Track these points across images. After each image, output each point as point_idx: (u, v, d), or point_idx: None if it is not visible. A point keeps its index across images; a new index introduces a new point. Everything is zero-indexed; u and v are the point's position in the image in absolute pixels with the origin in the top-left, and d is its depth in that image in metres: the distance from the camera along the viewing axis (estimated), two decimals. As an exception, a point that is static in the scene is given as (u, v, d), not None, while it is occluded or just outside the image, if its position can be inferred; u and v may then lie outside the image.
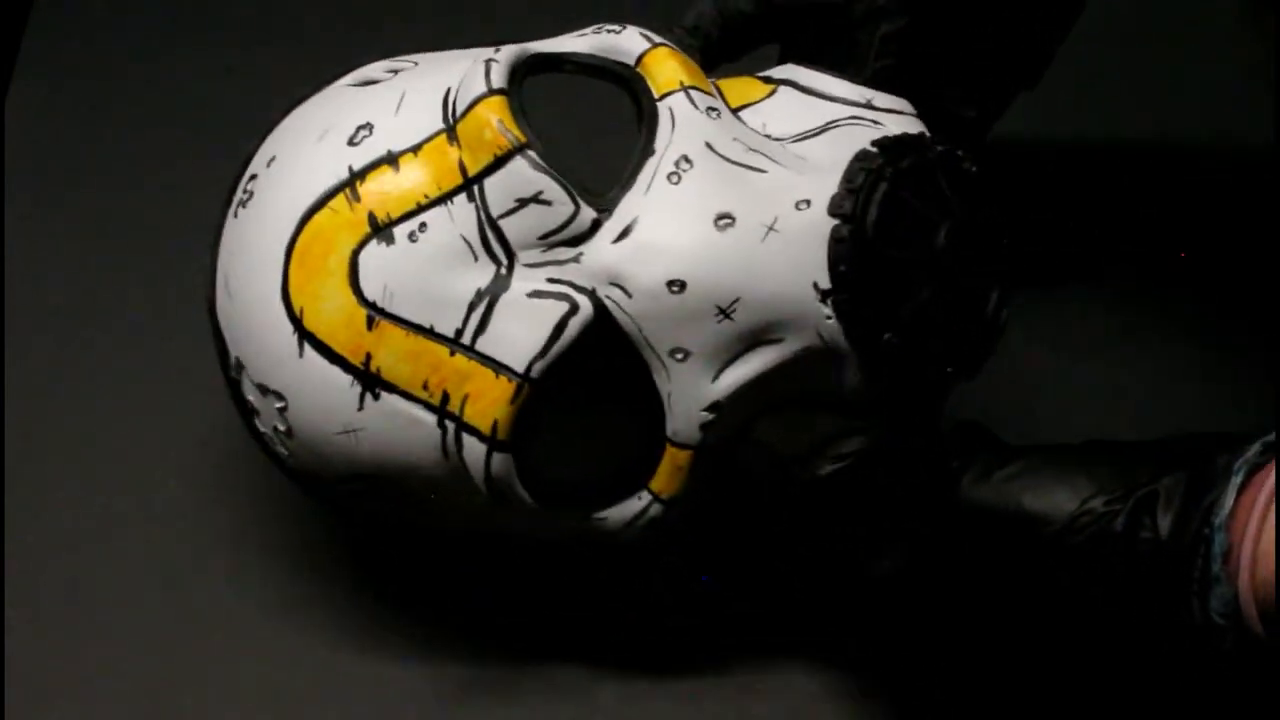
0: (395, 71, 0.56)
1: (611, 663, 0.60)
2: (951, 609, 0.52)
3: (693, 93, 0.53)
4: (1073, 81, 0.70)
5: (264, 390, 0.54)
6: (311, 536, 0.63)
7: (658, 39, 0.55)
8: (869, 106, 0.56)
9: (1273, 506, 0.45)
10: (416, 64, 0.57)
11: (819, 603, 0.60)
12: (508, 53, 0.53)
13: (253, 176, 0.55)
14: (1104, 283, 0.74)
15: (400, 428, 0.52)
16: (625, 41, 0.55)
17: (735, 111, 0.55)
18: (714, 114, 0.53)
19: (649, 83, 0.54)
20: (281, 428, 0.54)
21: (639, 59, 0.54)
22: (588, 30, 0.56)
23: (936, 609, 0.52)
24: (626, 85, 0.54)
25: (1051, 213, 0.76)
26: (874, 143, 0.52)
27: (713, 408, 0.52)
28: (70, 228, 0.76)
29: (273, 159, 0.55)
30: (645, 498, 0.54)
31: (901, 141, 0.52)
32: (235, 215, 0.55)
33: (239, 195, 0.56)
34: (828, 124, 0.55)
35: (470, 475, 0.52)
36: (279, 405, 0.54)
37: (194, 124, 0.81)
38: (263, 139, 0.57)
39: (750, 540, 0.61)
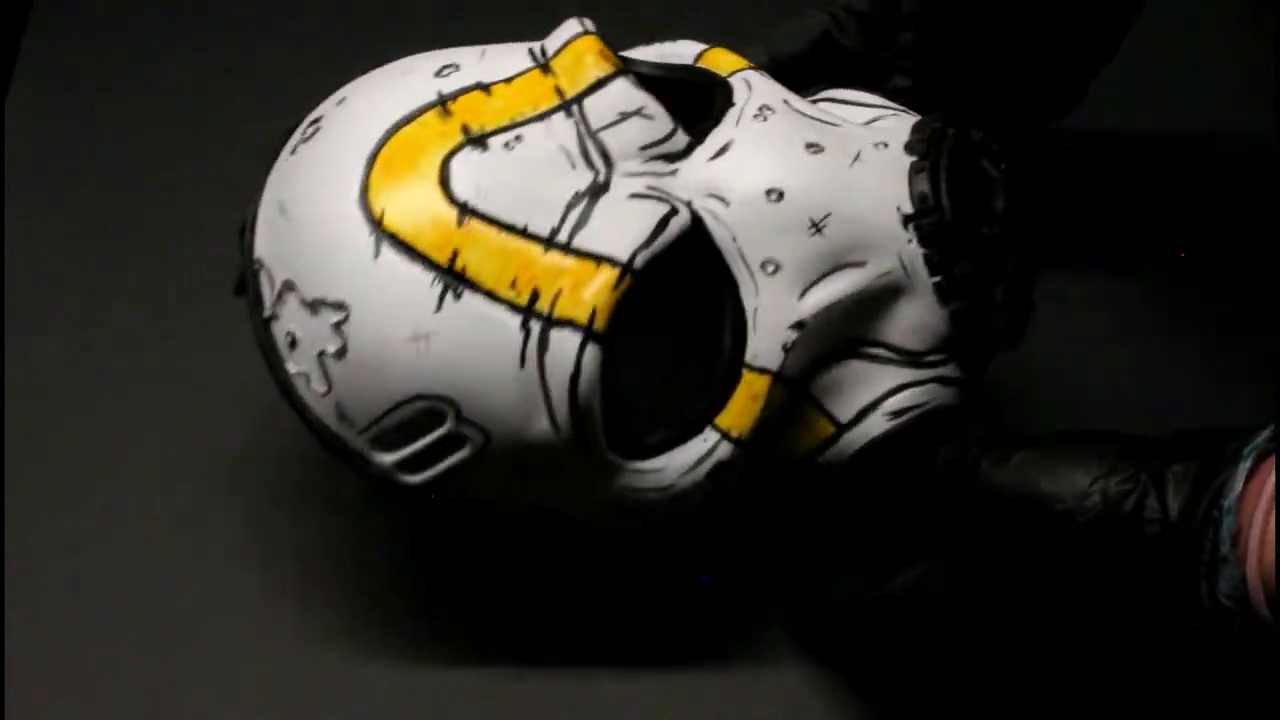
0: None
1: (611, 663, 0.60)
2: (962, 607, 0.52)
3: (760, 71, 0.57)
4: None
5: (317, 306, 0.52)
6: (312, 537, 0.63)
7: (709, 45, 0.58)
8: (905, 110, 0.58)
9: None
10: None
11: (820, 605, 0.60)
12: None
13: (316, 119, 0.55)
14: (1104, 283, 0.74)
15: (478, 331, 0.51)
16: (680, 47, 0.59)
17: None
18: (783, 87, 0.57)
19: (714, 71, 0.57)
20: (331, 349, 0.52)
21: (696, 58, 0.58)
22: (639, 47, 0.59)
23: (948, 607, 0.53)
24: (693, 75, 0.57)
25: (1051, 212, 0.76)
26: (929, 116, 0.56)
27: (797, 325, 0.53)
28: (70, 228, 0.76)
29: (343, 100, 0.55)
30: (712, 437, 0.53)
31: (950, 120, 0.56)
32: (294, 153, 0.54)
33: (298, 136, 0.55)
34: (874, 118, 0.57)
35: (547, 388, 0.51)
36: (336, 319, 0.52)
37: (194, 124, 0.81)
38: (316, 106, 0.56)
39: (752, 538, 0.61)
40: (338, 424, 0.54)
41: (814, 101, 0.58)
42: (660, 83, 0.56)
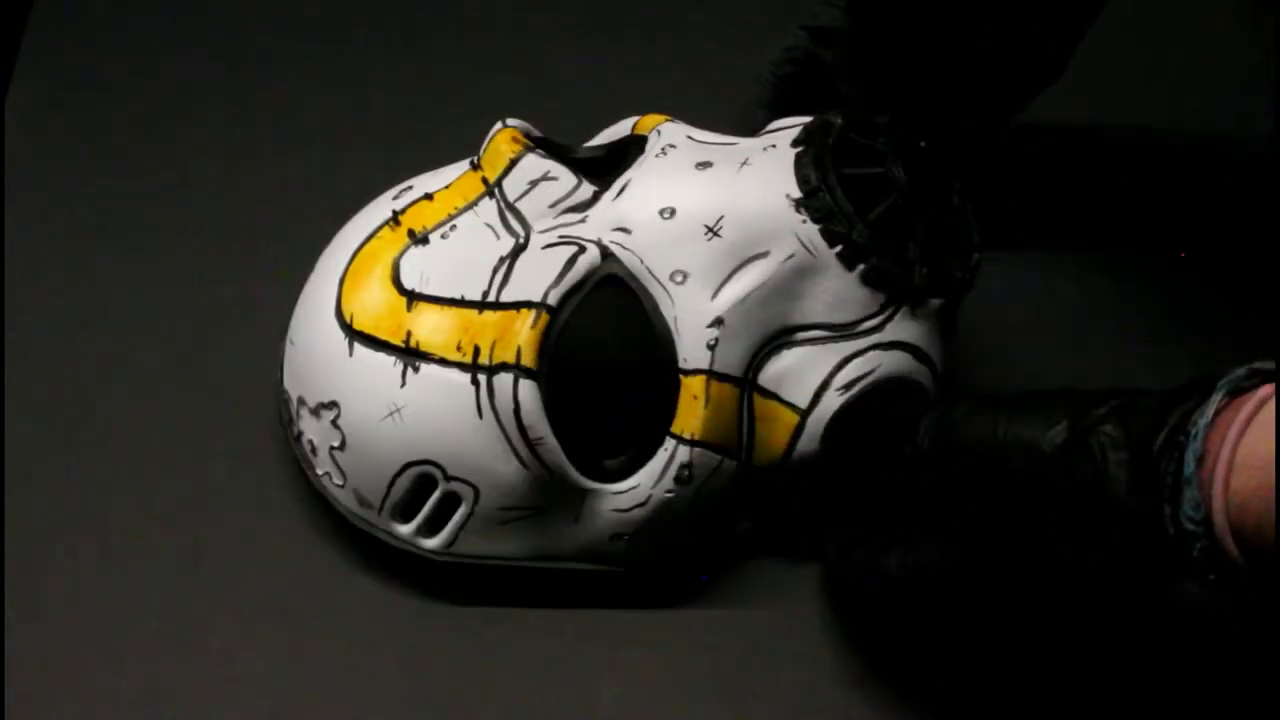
0: None
1: (612, 662, 0.60)
2: (959, 581, 0.53)
3: (673, 120, 0.62)
4: (1072, 81, 0.70)
5: (319, 411, 0.60)
6: (310, 538, 0.63)
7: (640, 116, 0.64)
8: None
9: (1257, 419, 0.45)
10: None
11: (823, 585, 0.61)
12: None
13: (315, 268, 0.63)
14: (1104, 283, 0.74)
15: (438, 395, 0.57)
16: (622, 125, 0.65)
17: None
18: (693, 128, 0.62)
19: (639, 133, 0.63)
20: (336, 443, 0.59)
21: (632, 128, 0.63)
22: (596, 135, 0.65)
23: (946, 582, 0.53)
24: (619, 144, 0.63)
25: (1050, 213, 0.76)
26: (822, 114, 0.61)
27: (716, 323, 0.57)
28: (70, 228, 0.76)
29: (329, 245, 0.63)
30: (670, 444, 0.58)
31: (843, 114, 0.61)
32: (301, 296, 0.63)
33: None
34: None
35: (504, 430, 0.56)
36: (333, 416, 0.59)
37: (194, 124, 0.81)
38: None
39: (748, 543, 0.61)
40: (360, 509, 0.60)
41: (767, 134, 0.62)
42: (593, 161, 0.62)
